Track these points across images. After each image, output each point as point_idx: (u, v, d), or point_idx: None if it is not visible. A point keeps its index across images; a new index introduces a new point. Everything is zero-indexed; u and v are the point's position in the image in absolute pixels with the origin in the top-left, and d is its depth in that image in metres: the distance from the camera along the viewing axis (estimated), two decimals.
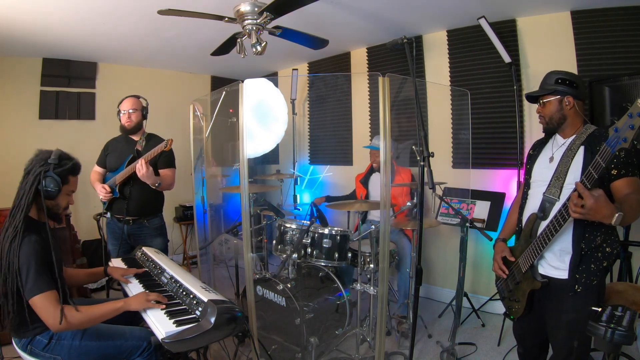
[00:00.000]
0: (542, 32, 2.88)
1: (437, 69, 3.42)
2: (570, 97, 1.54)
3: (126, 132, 2.51)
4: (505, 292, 1.77)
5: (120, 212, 2.46)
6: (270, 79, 4.08)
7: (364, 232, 2.33)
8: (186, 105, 2.92)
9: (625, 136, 1.17)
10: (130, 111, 2.47)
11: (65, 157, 1.58)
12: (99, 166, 2.61)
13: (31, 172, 1.51)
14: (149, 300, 1.54)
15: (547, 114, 1.61)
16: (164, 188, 2.47)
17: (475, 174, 3.17)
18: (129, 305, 1.53)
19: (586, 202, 1.24)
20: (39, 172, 1.50)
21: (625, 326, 1.11)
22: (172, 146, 2.55)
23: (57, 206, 1.59)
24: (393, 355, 2.48)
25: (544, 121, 1.64)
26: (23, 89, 3.68)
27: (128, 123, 2.47)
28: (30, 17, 2.75)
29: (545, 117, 1.63)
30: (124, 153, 2.47)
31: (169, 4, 2.13)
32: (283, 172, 4.38)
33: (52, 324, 1.39)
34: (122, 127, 2.51)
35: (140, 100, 2.55)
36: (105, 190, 2.41)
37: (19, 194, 1.51)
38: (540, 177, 1.63)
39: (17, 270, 1.40)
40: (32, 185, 1.49)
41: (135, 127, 2.49)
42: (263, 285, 2.38)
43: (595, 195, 1.23)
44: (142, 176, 2.25)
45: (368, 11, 2.90)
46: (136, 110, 2.49)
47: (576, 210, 1.27)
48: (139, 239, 2.50)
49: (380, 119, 1.83)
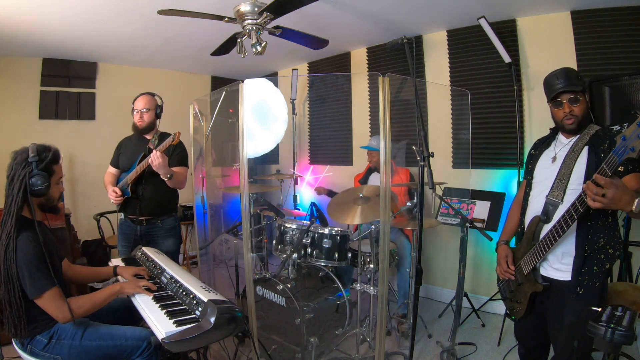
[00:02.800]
0: (542, 32, 2.88)
1: (437, 69, 3.42)
2: (587, 94, 1.53)
3: (138, 131, 2.48)
4: (506, 293, 1.77)
5: (133, 212, 2.41)
6: (270, 79, 4.09)
7: (364, 232, 2.33)
8: (186, 105, 2.92)
9: (633, 145, 1.16)
10: (143, 110, 2.42)
11: (43, 150, 1.55)
12: (112, 167, 2.57)
13: (15, 176, 1.49)
14: (139, 286, 1.67)
15: (581, 113, 1.51)
16: (174, 184, 2.41)
17: (475, 174, 3.17)
18: (123, 289, 1.66)
19: (608, 191, 1.20)
20: (23, 175, 1.48)
21: (625, 326, 1.11)
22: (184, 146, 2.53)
23: (51, 199, 1.59)
24: (393, 355, 2.48)
25: (576, 121, 1.51)
26: (23, 89, 3.68)
27: (140, 122, 2.44)
28: (30, 17, 2.75)
29: (578, 117, 1.51)
30: (136, 152, 2.42)
31: (169, 4, 2.13)
32: (283, 172, 4.38)
33: (62, 318, 1.46)
34: (134, 126, 2.48)
35: (155, 99, 2.50)
36: (115, 194, 2.37)
37: (7, 201, 1.48)
38: (542, 177, 1.62)
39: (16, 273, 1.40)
40: (19, 189, 1.47)
41: (147, 126, 2.45)
42: (263, 285, 2.38)
43: (615, 183, 1.21)
44: (156, 166, 2.19)
45: (368, 11, 2.90)
46: (149, 110, 2.44)
47: (597, 199, 1.22)
48: (152, 240, 2.45)
49: (380, 119, 1.83)
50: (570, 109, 1.51)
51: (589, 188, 1.25)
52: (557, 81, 1.54)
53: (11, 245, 1.41)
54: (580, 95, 1.50)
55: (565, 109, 1.52)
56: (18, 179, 1.48)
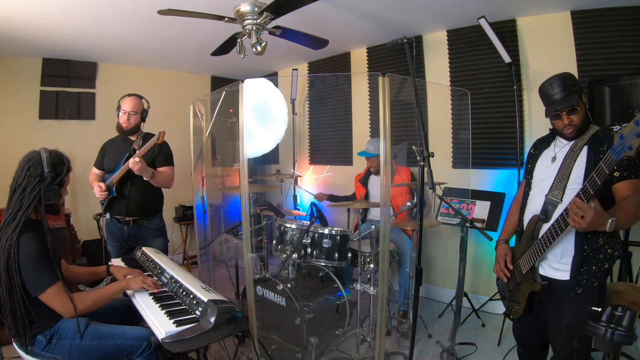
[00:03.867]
0: (542, 32, 2.88)
1: (437, 69, 3.41)
2: (585, 94, 1.52)
3: (123, 132, 2.48)
4: (505, 292, 1.77)
5: (120, 212, 2.44)
6: (270, 79, 4.09)
7: (364, 232, 2.33)
8: (186, 105, 2.92)
9: (630, 144, 1.16)
10: (130, 113, 2.42)
11: (57, 163, 1.56)
12: (96, 168, 2.59)
13: (28, 189, 1.48)
14: (145, 282, 1.67)
15: (580, 120, 1.49)
16: (160, 183, 2.44)
17: (475, 174, 3.17)
18: (128, 285, 1.66)
19: (586, 215, 1.26)
20: (38, 189, 1.48)
21: (625, 326, 1.11)
22: (172, 146, 2.54)
23: (57, 206, 1.61)
24: (393, 355, 2.48)
25: (575, 129, 1.50)
26: (23, 89, 3.68)
27: (126, 125, 2.44)
28: (30, 17, 2.75)
29: (577, 125, 1.50)
30: (121, 153, 2.44)
31: (169, 4, 2.13)
32: (283, 172, 4.38)
33: (66, 312, 1.48)
34: (119, 127, 2.47)
35: (142, 102, 2.50)
36: (100, 189, 2.39)
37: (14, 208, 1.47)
38: (542, 177, 1.62)
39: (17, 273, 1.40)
40: (32, 201, 1.47)
41: (132, 129, 2.46)
42: (263, 285, 2.38)
43: (593, 207, 1.26)
44: (137, 171, 2.24)
45: (368, 11, 2.90)
46: (136, 114, 2.45)
47: (576, 220, 1.29)
48: (140, 240, 2.48)
49: (380, 119, 1.83)
50: (570, 120, 1.50)
51: (572, 209, 1.31)
52: (553, 92, 1.52)
53: (14, 246, 1.41)
54: (577, 105, 1.48)
55: (564, 121, 1.51)
56: (32, 192, 1.48)
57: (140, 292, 1.68)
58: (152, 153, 2.39)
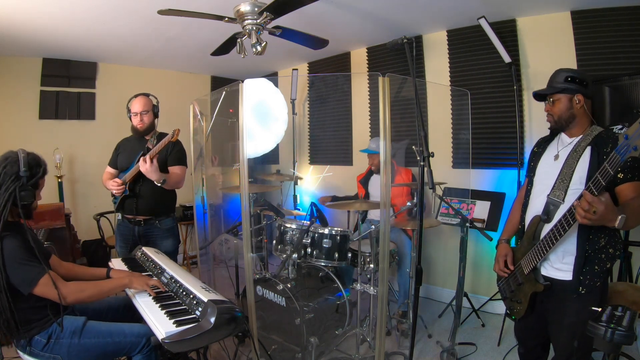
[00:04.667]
0: (542, 32, 2.88)
1: (437, 69, 3.41)
2: (581, 95, 1.53)
3: (139, 133, 2.44)
4: (507, 293, 1.77)
5: (131, 211, 2.40)
6: (270, 79, 4.09)
7: (364, 232, 2.32)
8: (186, 105, 2.92)
9: (635, 144, 1.15)
10: (142, 112, 2.38)
11: (34, 164, 1.55)
12: (110, 167, 2.55)
13: (3, 187, 1.47)
14: (148, 284, 1.68)
15: (557, 113, 1.57)
16: (170, 186, 2.39)
17: (475, 174, 3.17)
18: (132, 283, 1.67)
19: (597, 209, 1.23)
20: (13, 188, 1.47)
21: (625, 326, 1.11)
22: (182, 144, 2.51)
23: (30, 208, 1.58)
24: (393, 355, 2.48)
25: (552, 120, 1.60)
26: (23, 89, 3.68)
27: (140, 125, 2.40)
28: (30, 17, 2.75)
29: (554, 116, 1.59)
30: (135, 151, 2.40)
31: (169, 4, 2.13)
32: (283, 172, 4.38)
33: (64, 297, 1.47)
34: (134, 129, 2.44)
35: (150, 99, 2.46)
36: (116, 183, 2.34)
37: None
38: (544, 176, 1.61)
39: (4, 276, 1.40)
40: (7, 201, 1.46)
41: (147, 128, 2.42)
42: (263, 285, 2.38)
43: (603, 201, 1.23)
44: (145, 171, 2.20)
45: (368, 11, 2.90)
46: (148, 112, 2.41)
47: (587, 216, 1.25)
48: (150, 241, 2.44)
49: (380, 119, 1.83)
50: (549, 109, 1.61)
51: (581, 205, 1.27)
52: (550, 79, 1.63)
53: None
54: (557, 96, 1.57)
55: (546, 108, 1.63)
56: (7, 191, 1.47)
57: (140, 292, 1.68)
58: (164, 151, 2.35)
